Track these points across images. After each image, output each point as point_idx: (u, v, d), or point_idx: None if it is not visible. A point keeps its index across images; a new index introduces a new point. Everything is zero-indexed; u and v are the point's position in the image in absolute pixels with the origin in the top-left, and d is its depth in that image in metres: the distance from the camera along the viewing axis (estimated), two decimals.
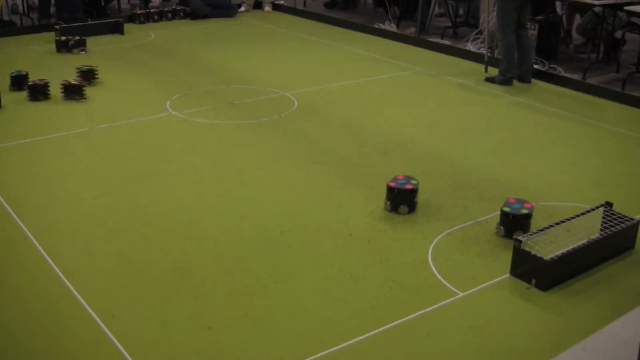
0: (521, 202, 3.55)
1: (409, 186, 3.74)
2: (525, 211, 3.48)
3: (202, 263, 3.27)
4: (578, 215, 3.45)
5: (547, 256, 3.07)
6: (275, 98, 5.75)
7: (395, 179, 3.80)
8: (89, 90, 5.78)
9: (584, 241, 3.23)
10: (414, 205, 3.79)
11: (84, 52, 7.05)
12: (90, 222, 3.65)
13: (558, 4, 7.34)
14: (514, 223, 3.47)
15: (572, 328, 2.84)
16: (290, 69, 6.75)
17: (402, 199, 3.74)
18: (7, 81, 5.82)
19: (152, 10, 8.78)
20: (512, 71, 6.20)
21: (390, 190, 3.76)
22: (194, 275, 3.17)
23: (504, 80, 6.19)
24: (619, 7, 6.36)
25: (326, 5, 10.10)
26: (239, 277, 3.16)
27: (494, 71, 6.48)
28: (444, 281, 3.16)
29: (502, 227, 3.51)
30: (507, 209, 3.49)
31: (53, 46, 7.24)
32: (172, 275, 3.17)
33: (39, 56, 7.03)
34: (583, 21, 7.17)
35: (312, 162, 4.45)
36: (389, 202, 3.77)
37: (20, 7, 8.76)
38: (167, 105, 5.49)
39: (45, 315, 2.87)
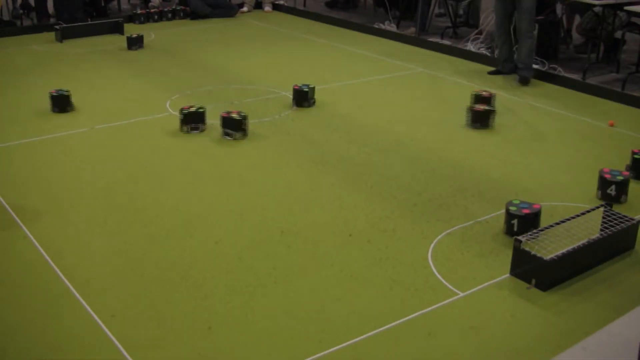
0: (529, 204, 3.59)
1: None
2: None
3: (202, 263, 3.27)
4: (578, 215, 3.45)
5: (547, 256, 3.07)
6: (275, 98, 5.75)
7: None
8: (88, 91, 5.78)
9: (584, 241, 3.23)
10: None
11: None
12: (90, 222, 3.65)
13: (558, 4, 7.33)
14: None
15: (572, 328, 2.84)
16: (290, 69, 6.74)
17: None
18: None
19: (152, 10, 8.78)
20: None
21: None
22: (194, 275, 3.17)
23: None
24: (619, 7, 6.35)
25: (327, 5, 10.10)
26: (239, 277, 3.16)
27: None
28: (444, 281, 3.16)
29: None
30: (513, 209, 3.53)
31: (53, 46, 7.27)
32: (172, 275, 3.17)
33: (39, 56, 7.03)
34: (583, 21, 7.16)
35: (312, 162, 4.45)
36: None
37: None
38: (167, 105, 5.49)
39: (45, 315, 2.87)
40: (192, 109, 4.92)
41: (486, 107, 5.14)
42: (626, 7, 6.26)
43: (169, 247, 3.41)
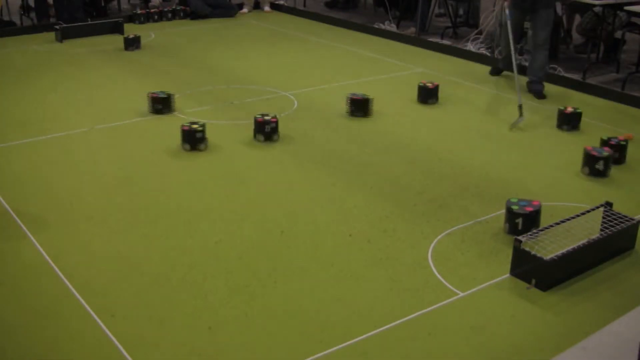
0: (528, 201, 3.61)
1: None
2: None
3: (202, 263, 3.27)
4: (578, 215, 3.45)
5: (547, 256, 3.07)
6: (275, 98, 5.75)
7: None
8: (88, 91, 5.78)
9: (584, 241, 3.23)
10: None
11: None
12: (90, 222, 3.65)
13: (558, 5, 7.33)
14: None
15: (572, 328, 2.84)
16: (290, 69, 6.75)
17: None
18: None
19: (152, 10, 8.78)
20: None
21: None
22: (194, 275, 3.17)
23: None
24: (619, 7, 6.35)
25: (327, 5, 10.10)
26: (239, 277, 3.16)
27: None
28: (444, 281, 3.16)
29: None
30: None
31: (53, 46, 7.27)
32: (172, 275, 3.17)
33: (39, 56, 7.03)
34: (583, 21, 7.16)
35: (312, 162, 4.45)
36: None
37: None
38: None
39: (45, 315, 2.87)
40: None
41: (573, 109, 5.12)
42: (626, 7, 6.26)
43: (169, 247, 3.41)
